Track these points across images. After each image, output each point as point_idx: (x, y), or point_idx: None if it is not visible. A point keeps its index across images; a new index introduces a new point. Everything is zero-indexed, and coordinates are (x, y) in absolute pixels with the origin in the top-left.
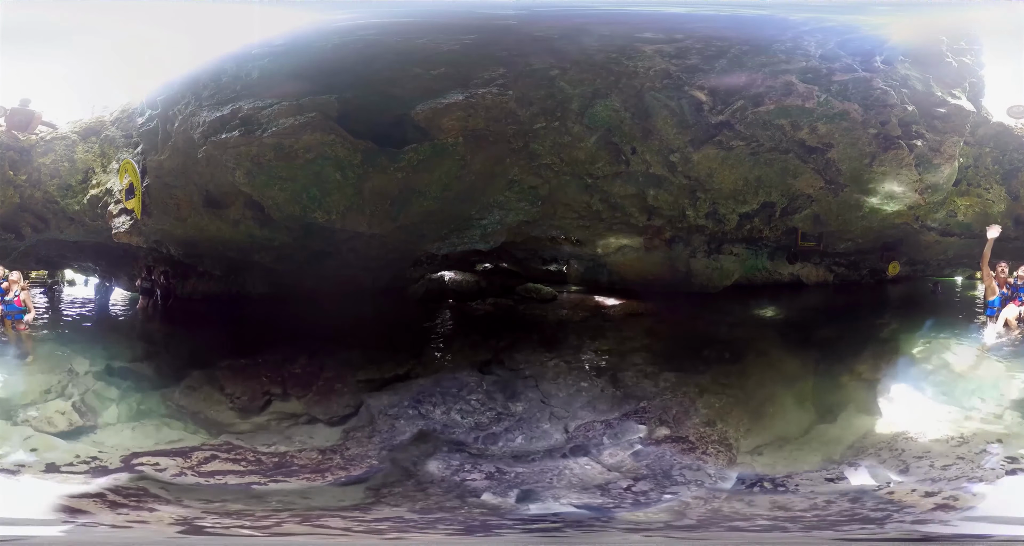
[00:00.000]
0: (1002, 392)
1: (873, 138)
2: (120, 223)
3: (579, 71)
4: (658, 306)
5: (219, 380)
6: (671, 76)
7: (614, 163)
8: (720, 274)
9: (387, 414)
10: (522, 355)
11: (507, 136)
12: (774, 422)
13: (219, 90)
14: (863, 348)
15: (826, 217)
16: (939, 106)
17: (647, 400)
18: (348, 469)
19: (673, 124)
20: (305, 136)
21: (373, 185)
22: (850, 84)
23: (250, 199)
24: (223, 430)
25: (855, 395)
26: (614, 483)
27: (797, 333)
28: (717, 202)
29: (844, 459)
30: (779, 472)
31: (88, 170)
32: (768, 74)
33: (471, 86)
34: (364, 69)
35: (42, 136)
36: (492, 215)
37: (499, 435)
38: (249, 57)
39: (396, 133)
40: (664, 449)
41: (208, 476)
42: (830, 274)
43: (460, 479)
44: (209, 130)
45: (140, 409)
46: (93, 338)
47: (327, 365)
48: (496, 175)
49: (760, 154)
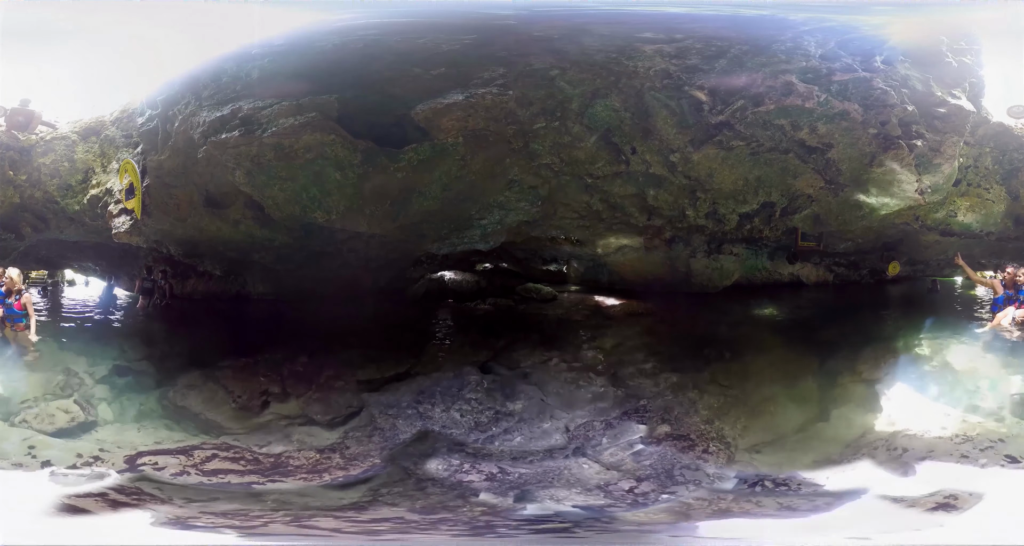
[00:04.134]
0: (1002, 391)
1: (873, 138)
2: (120, 223)
3: (579, 71)
4: (658, 306)
5: (219, 380)
6: (671, 76)
7: (614, 163)
8: (720, 274)
9: (387, 414)
10: (522, 355)
11: (507, 136)
12: (774, 421)
13: (219, 90)
14: (863, 348)
15: (826, 217)
16: (939, 106)
17: (647, 399)
18: (348, 469)
19: (673, 124)
20: (305, 136)
21: (373, 185)
22: (850, 84)
23: (250, 199)
24: (223, 430)
25: (855, 394)
26: (614, 483)
27: (797, 333)
28: (717, 202)
29: (843, 458)
30: (779, 471)
31: (88, 170)
32: (768, 74)
33: (471, 86)
34: (364, 69)
35: (42, 136)
36: (492, 215)
37: (499, 435)
38: (249, 57)
39: (396, 133)
40: (664, 448)
41: (208, 475)
42: (830, 274)
43: (460, 479)
44: (209, 130)
45: (140, 409)
46: (93, 338)
47: (327, 365)
48: (496, 175)
49: (760, 154)
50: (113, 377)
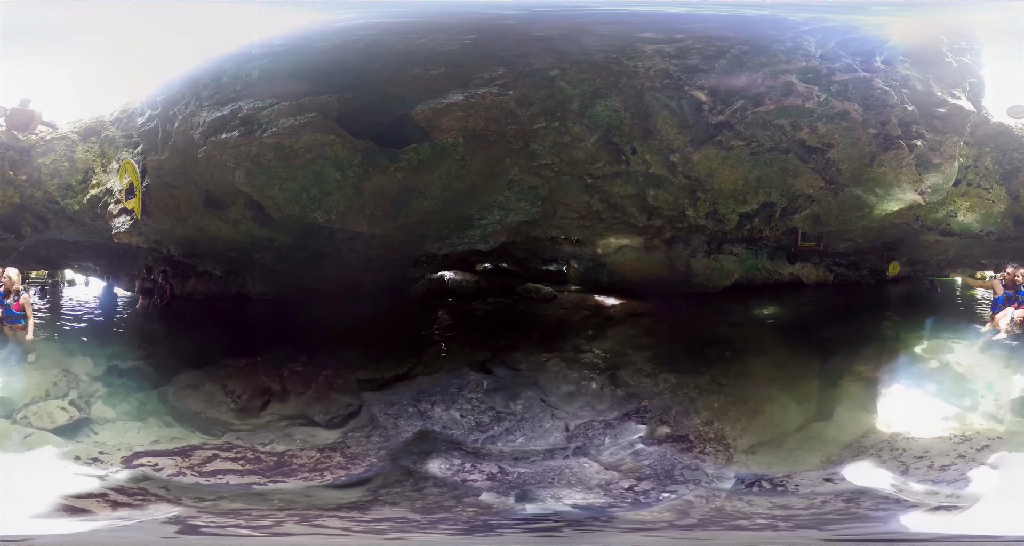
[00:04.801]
0: (1001, 391)
1: (873, 138)
2: (120, 223)
3: (579, 71)
4: (658, 306)
5: (219, 379)
6: (671, 76)
7: (614, 163)
8: (720, 274)
9: (387, 413)
10: (522, 355)
11: (507, 136)
12: (774, 421)
13: (219, 90)
14: (863, 348)
15: (826, 217)
16: (939, 106)
17: (647, 399)
18: (348, 468)
19: (673, 124)
20: (305, 136)
21: (373, 185)
22: (850, 84)
23: (250, 199)
24: (223, 429)
25: (855, 394)
26: (614, 482)
27: (797, 333)
28: (717, 202)
29: (843, 458)
30: (778, 471)
31: (88, 170)
32: (768, 74)
33: (471, 86)
34: (364, 69)
35: (42, 136)
36: (492, 215)
37: (499, 435)
38: (249, 57)
39: (396, 133)
40: (664, 448)
41: (208, 476)
42: (830, 274)
43: (460, 479)
44: (209, 130)
45: (140, 409)
46: (93, 338)
47: (327, 364)
48: (496, 175)
49: (760, 154)
50: (114, 377)
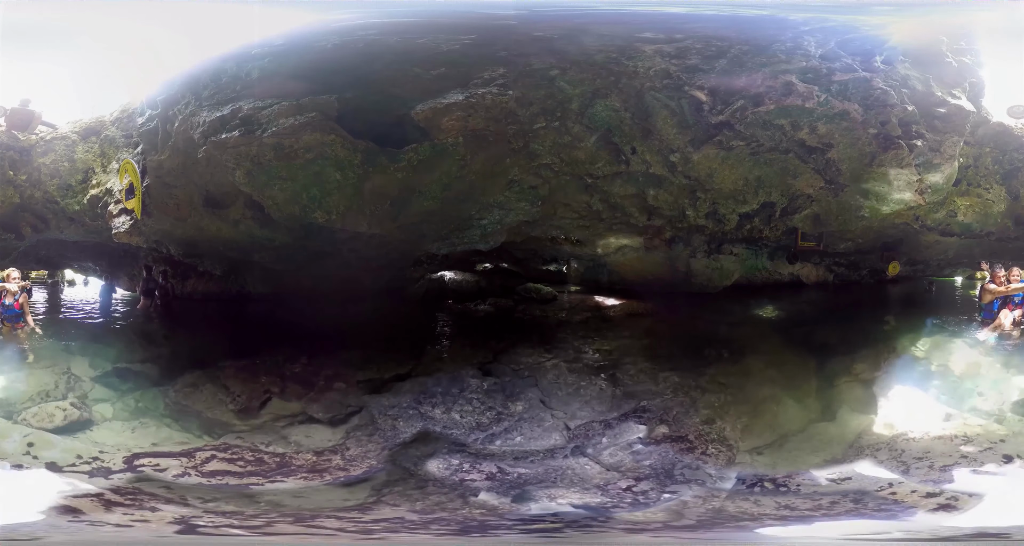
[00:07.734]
0: (1002, 392)
1: (873, 138)
2: (120, 223)
3: (579, 71)
4: (658, 306)
5: (219, 380)
6: (671, 76)
7: (614, 163)
8: (720, 274)
9: (387, 414)
10: (522, 355)
11: (507, 136)
12: (774, 421)
13: (219, 90)
14: (862, 348)
15: (826, 217)
16: (939, 106)
17: (647, 400)
18: (348, 469)
19: (673, 124)
20: (305, 136)
21: (373, 185)
22: (850, 84)
23: (250, 199)
24: (223, 430)
25: (854, 394)
26: (614, 483)
27: (797, 333)
28: (717, 202)
29: (844, 458)
30: (779, 471)
31: (88, 170)
32: (768, 74)
33: (471, 86)
34: (364, 69)
35: (42, 136)
36: (492, 215)
37: (499, 435)
38: (249, 57)
39: (396, 133)
40: (664, 448)
41: (208, 476)
42: (830, 274)
43: (460, 479)
44: (209, 130)
45: (140, 409)
46: (93, 338)
47: (327, 365)
48: (496, 175)
49: (760, 154)
50: (113, 377)
